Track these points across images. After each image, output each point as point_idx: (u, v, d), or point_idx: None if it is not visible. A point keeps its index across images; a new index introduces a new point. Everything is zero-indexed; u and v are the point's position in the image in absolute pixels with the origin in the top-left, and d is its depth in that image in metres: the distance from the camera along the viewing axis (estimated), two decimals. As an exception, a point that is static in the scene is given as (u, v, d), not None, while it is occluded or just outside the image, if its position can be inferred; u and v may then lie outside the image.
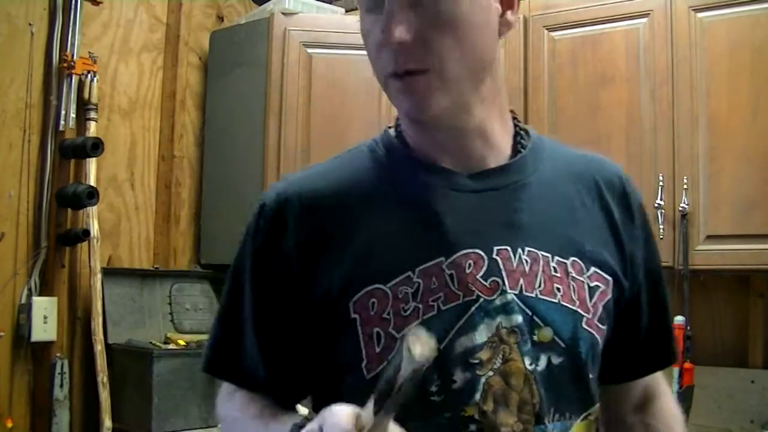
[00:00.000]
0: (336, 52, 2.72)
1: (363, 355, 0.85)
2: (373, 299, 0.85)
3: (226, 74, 2.94)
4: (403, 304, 0.84)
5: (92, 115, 2.61)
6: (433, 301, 0.84)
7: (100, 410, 2.44)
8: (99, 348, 2.49)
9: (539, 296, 0.86)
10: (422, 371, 0.66)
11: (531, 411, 0.83)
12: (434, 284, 0.85)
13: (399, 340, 0.70)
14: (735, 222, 2.06)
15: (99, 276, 2.55)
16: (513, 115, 0.98)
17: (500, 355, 0.83)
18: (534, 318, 0.85)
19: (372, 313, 0.85)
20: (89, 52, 2.61)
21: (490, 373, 0.83)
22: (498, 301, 0.84)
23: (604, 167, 0.99)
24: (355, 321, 0.85)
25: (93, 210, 2.56)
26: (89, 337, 2.52)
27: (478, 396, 0.82)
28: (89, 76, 2.59)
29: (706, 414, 2.22)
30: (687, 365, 2.14)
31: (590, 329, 0.88)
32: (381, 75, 0.87)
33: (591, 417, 0.88)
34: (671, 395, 1.06)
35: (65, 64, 2.50)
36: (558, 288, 0.87)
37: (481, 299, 0.84)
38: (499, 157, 0.93)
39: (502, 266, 0.86)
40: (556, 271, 0.88)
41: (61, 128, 2.52)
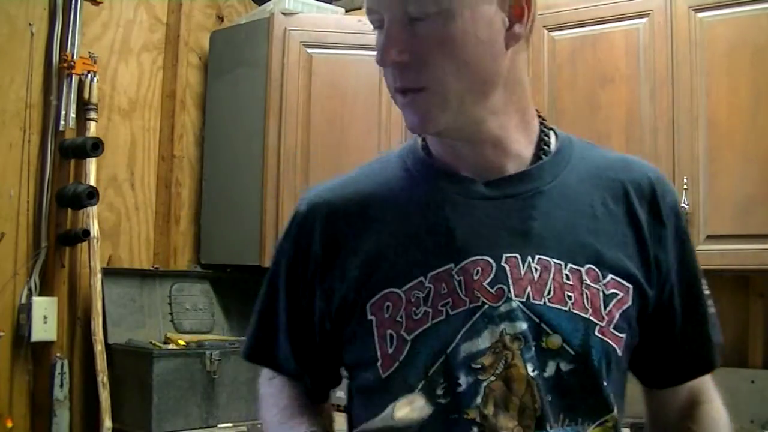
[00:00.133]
0: (336, 52, 2.72)
1: (378, 355, 0.89)
2: (388, 302, 0.89)
3: (226, 74, 2.94)
4: (414, 308, 0.88)
5: (92, 115, 2.61)
6: (442, 306, 0.87)
7: (100, 410, 2.44)
8: (99, 348, 2.49)
9: (548, 304, 0.86)
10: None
11: (532, 416, 0.84)
12: (444, 290, 0.88)
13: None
14: (735, 222, 2.06)
15: (99, 276, 2.55)
16: (541, 119, 0.98)
17: (502, 361, 0.85)
18: (542, 325, 0.86)
19: (386, 316, 0.89)
20: (89, 52, 2.61)
21: (492, 378, 0.85)
22: (503, 308, 0.86)
23: (634, 170, 0.96)
24: (371, 322, 0.90)
25: (93, 210, 2.57)
26: (89, 337, 2.52)
27: (479, 399, 0.85)
28: (89, 76, 2.59)
29: (706, 414, 2.21)
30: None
31: (604, 337, 0.87)
32: (389, 88, 0.91)
33: (608, 423, 0.87)
34: (719, 401, 1.01)
35: (65, 64, 2.50)
36: (569, 296, 0.87)
37: (486, 306, 0.86)
38: (519, 164, 0.93)
39: (509, 274, 0.87)
40: (568, 279, 0.88)
41: (61, 128, 2.52)
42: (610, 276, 0.89)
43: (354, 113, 2.70)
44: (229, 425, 2.46)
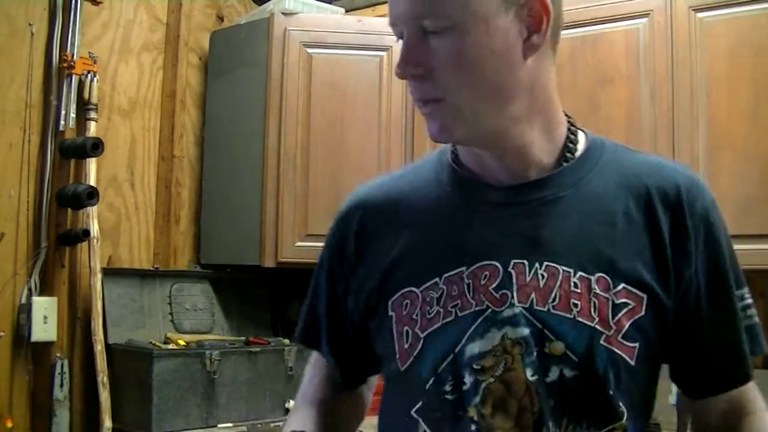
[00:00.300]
0: (336, 52, 2.72)
1: (396, 350, 0.94)
2: (407, 300, 0.95)
3: (226, 74, 2.94)
4: (428, 307, 0.92)
5: (92, 115, 2.61)
6: (452, 308, 0.91)
7: (100, 410, 2.44)
8: (99, 348, 2.49)
9: (552, 311, 0.87)
10: None
11: (530, 419, 0.86)
12: (455, 291, 0.91)
13: None
14: (735, 222, 2.04)
15: (99, 276, 2.55)
16: (569, 123, 0.98)
17: (502, 364, 0.87)
18: (545, 331, 0.87)
19: (404, 313, 0.94)
20: (89, 52, 2.61)
21: (491, 379, 0.87)
22: (506, 313, 0.89)
23: (662, 176, 0.94)
24: (391, 318, 0.95)
25: (93, 210, 2.56)
26: (89, 337, 2.51)
27: (478, 399, 0.88)
28: (89, 76, 2.59)
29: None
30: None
31: (610, 346, 0.87)
32: (412, 98, 0.94)
33: (616, 431, 0.87)
34: (764, 413, 0.97)
35: (65, 64, 2.50)
36: (575, 303, 0.87)
37: (490, 310, 0.89)
38: (541, 170, 0.94)
39: (514, 280, 0.89)
40: (576, 287, 0.88)
41: (61, 128, 2.51)
42: (622, 285, 0.88)
43: (354, 113, 2.70)
44: (229, 425, 2.46)
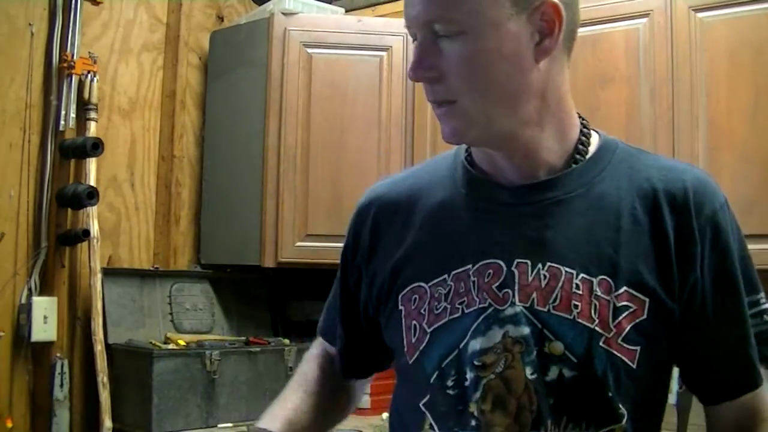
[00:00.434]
0: (336, 52, 2.72)
1: (404, 343, 0.97)
2: (416, 295, 0.97)
3: (226, 74, 2.94)
4: (436, 303, 0.94)
5: (92, 115, 2.61)
6: (459, 304, 0.92)
7: (100, 410, 2.44)
8: (99, 348, 2.49)
9: (552, 311, 0.88)
10: None
11: (529, 417, 0.87)
12: (462, 288, 0.93)
13: None
14: (735, 222, 2.06)
15: (99, 276, 2.55)
16: (582, 125, 0.98)
17: (502, 362, 0.88)
18: (544, 331, 0.88)
19: (413, 307, 0.96)
20: (89, 52, 2.61)
21: (492, 376, 0.89)
22: (508, 311, 0.90)
23: (671, 177, 0.93)
24: (400, 312, 0.98)
25: (93, 210, 2.56)
26: (89, 337, 2.51)
27: (478, 395, 0.89)
28: (89, 76, 2.59)
29: (706, 414, 2.21)
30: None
31: (610, 348, 0.87)
32: (426, 99, 0.95)
33: None
34: None
35: (65, 64, 2.50)
36: (576, 305, 0.88)
37: (492, 308, 0.90)
38: (551, 171, 0.95)
39: (517, 279, 0.90)
40: (578, 288, 0.88)
41: (61, 128, 2.51)
42: (624, 288, 0.88)
43: (354, 113, 2.70)
44: (229, 425, 2.46)
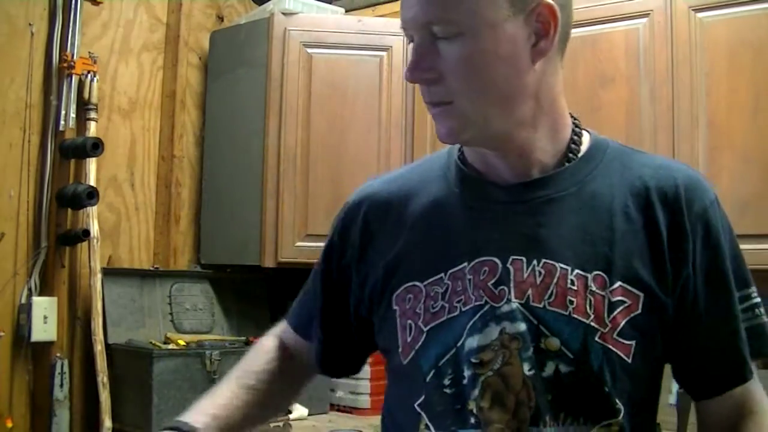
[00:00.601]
0: (336, 52, 2.72)
1: (399, 343, 0.96)
2: (410, 295, 0.96)
3: (226, 74, 2.94)
4: (433, 302, 0.94)
5: (92, 115, 2.61)
6: (456, 303, 0.93)
7: (100, 410, 2.44)
8: (99, 348, 2.49)
9: (548, 307, 0.89)
10: None
11: (527, 413, 0.87)
12: (459, 287, 0.93)
13: None
14: (734, 222, 2.04)
15: (99, 276, 2.55)
16: (574, 125, 0.99)
17: (500, 358, 0.88)
18: (540, 327, 0.88)
19: (408, 307, 0.96)
20: (89, 52, 2.61)
21: (489, 373, 0.89)
22: (504, 308, 0.90)
23: (662, 175, 0.95)
24: (395, 312, 0.97)
25: (93, 210, 2.56)
26: (89, 337, 2.51)
27: (476, 393, 0.89)
28: (89, 76, 2.59)
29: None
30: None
31: (605, 343, 0.88)
32: (423, 100, 0.95)
33: (613, 427, 0.88)
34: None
35: (65, 64, 2.50)
36: (571, 300, 0.89)
37: (488, 305, 0.91)
38: (544, 170, 0.96)
39: (512, 276, 0.91)
40: (573, 284, 0.89)
41: (61, 128, 2.51)
42: (618, 283, 0.89)
43: (354, 113, 2.70)
44: (229, 425, 2.46)
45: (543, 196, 0.94)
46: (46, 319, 2.41)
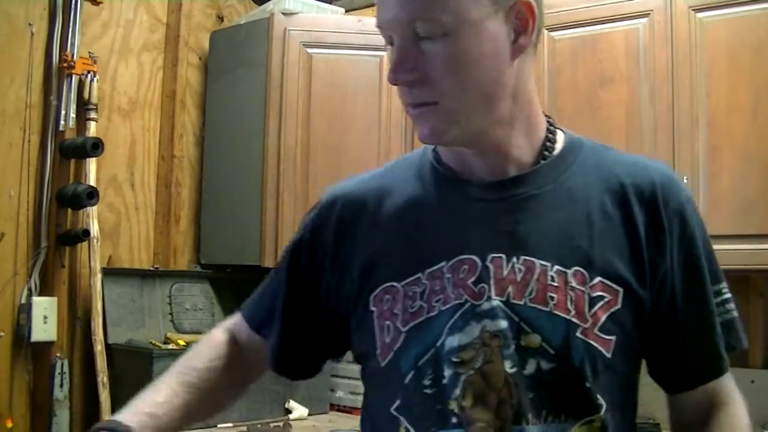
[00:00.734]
0: (336, 52, 2.72)
1: (377, 344, 0.94)
2: (388, 295, 0.95)
3: (226, 74, 2.94)
4: (411, 302, 0.93)
5: (92, 115, 2.61)
6: (435, 302, 0.92)
7: (100, 410, 2.44)
8: (99, 348, 2.49)
9: (528, 304, 0.89)
10: None
11: (509, 411, 0.86)
12: (438, 286, 0.92)
13: None
14: (735, 222, 2.06)
15: (99, 276, 2.55)
16: (549, 123, 1.00)
17: (481, 357, 0.88)
18: (521, 324, 0.88)
19: (385, 308, 0.95)
20: (89, 52, 2.61)
21: (471, 372, 0.88)
22: (485, 306, 0.90)
23: (637, 172, 0.96)
24: (372, 313, 0.96)
25: (93, 210, 2.57)
26: (89, 337, 2.52)
27: (458, 392, 0.88)
28: (89, 76, 2.59)
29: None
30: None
31: (587, 338, 0.88)
32: (401, 102, 0.94)
33: (595, 423, 0.88)
34: (740, 405, 1.00)
35: (65, 64, 2.50)
36: (552, 297, 0.89)
37: (468, 303, 0.90)
38: (521, 167, 0.96)
39: (492, 273, 0.90)
40: (553, 281, 0.89)
41: (61, 128, 2.52)
42: (598, 279, 0.90)
43: (354, 113, 2.70)
44: (229, 425, 2.46)
45: (521, 194, 0.94)
46: (46, 319, 2.41)
